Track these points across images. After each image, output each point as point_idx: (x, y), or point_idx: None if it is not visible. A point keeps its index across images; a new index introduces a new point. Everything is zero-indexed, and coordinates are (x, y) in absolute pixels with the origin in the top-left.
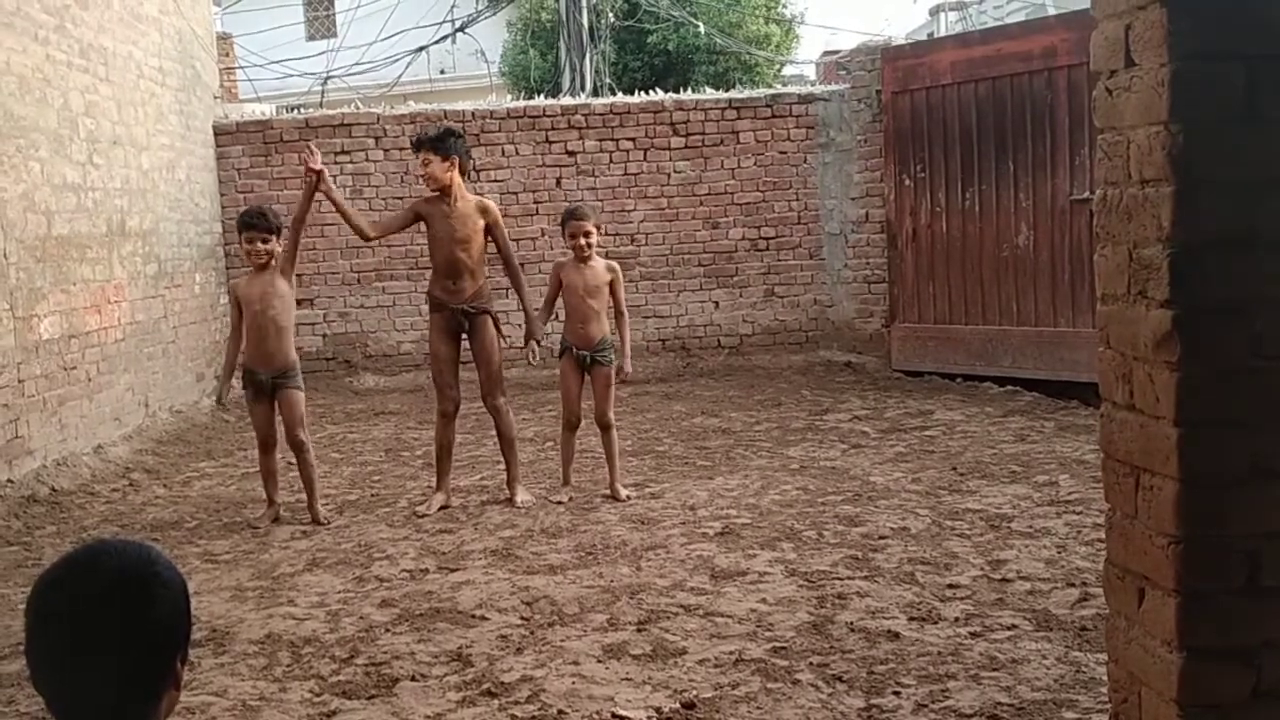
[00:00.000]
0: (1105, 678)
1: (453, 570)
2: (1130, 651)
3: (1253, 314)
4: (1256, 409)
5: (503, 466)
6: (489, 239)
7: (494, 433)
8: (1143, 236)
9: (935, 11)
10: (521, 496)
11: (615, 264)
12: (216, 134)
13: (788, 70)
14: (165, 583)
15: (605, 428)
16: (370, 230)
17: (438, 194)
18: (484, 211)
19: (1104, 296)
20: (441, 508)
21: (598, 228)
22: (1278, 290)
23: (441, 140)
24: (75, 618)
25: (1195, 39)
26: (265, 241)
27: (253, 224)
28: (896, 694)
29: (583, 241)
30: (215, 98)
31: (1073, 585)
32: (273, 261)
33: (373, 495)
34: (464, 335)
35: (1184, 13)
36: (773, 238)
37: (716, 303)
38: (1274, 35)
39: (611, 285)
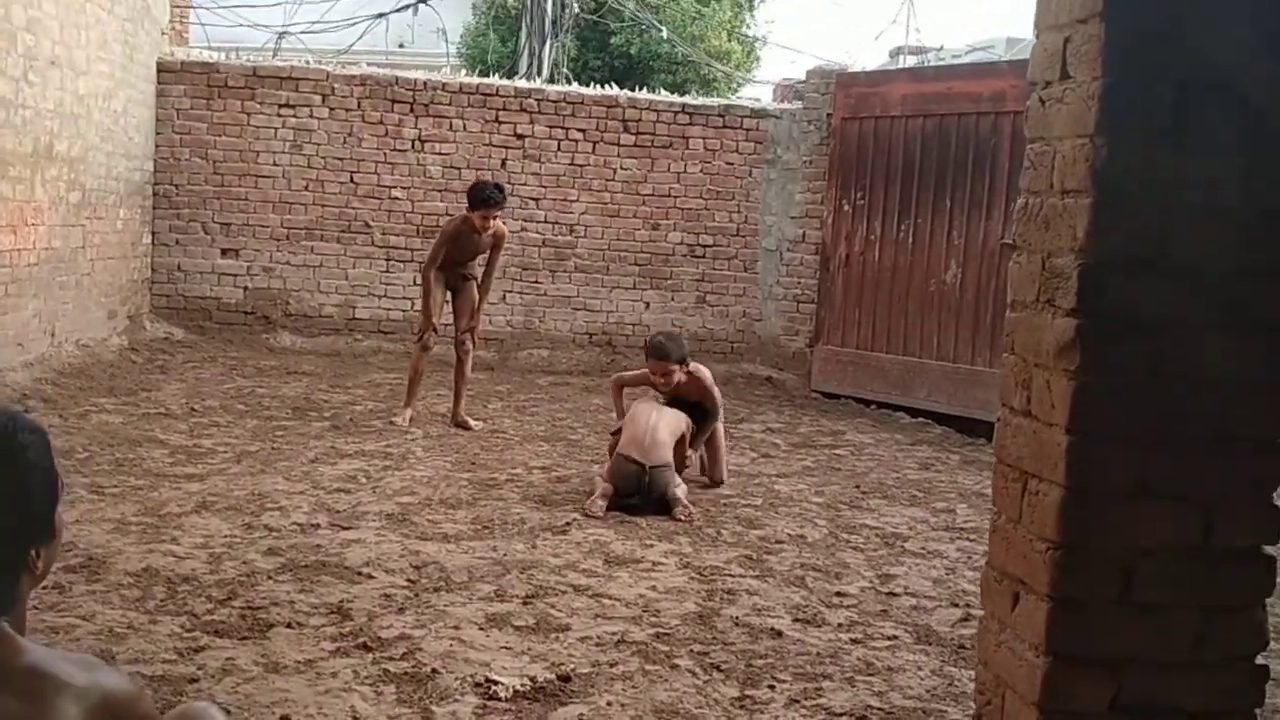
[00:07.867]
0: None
1: (345, 529)
2: (999, 655)
3: (1156, 332)
4: (1148, 426)
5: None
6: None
7: None
8: (1057, 246)
9: (895, 53)
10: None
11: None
12: (160, 71)
13: (745, 90)
14: (30, 444)
15: None
16: None
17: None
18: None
19: (1014, 303)
20: None
21: (680, 362)
22: (1182, 311)
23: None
24: None
25: (1130, 56)
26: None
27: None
28: (771, 688)
29: (660, 380)
30: (163, 34)
31: (956, 605)
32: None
33: (273, 449)
34: None
35: (1122, 30)
36: (710, 246)
37: (648, 303)
38: (1205, 61)
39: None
